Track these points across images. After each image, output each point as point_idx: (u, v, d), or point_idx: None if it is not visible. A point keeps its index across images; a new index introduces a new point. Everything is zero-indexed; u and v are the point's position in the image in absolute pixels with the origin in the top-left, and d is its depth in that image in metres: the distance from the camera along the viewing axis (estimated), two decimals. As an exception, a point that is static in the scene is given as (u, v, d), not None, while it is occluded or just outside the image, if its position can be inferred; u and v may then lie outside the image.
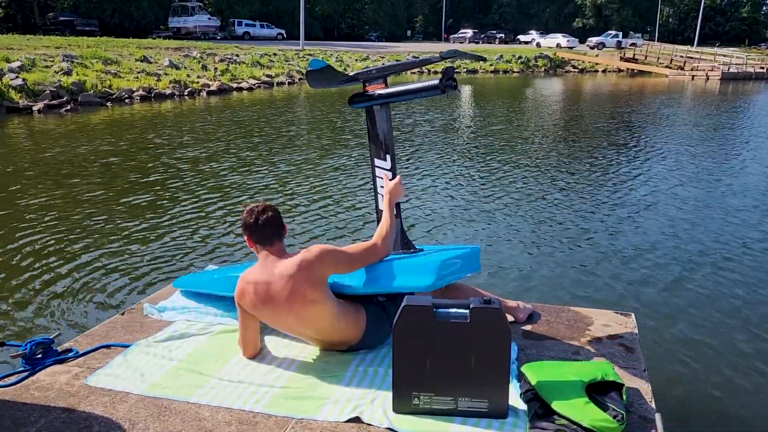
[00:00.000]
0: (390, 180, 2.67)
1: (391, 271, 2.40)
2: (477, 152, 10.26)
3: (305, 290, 2.21)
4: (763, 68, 34.93)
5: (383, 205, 2.61)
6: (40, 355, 2.37)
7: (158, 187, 7.39)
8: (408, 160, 9.24)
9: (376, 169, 2.74)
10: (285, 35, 44.10)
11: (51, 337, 2.47)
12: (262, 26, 43.43)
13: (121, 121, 13.44)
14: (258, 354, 2.42)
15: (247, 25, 42.72)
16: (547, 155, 10.01)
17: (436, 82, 2.49)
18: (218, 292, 2.81)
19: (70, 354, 2.43)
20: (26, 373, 2.28)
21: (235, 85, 21.37)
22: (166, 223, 6.00)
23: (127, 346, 2.50)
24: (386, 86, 2.66)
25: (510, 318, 2.68)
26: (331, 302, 2.28)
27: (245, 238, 2.36)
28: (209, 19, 40.63)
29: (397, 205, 2.66)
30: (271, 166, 8.82)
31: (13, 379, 2.25)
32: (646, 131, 12.97)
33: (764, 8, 68.33)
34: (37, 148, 9.94)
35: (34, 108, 14.46)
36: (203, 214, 6.33)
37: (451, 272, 2.40)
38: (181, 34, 38.20)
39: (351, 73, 2.69)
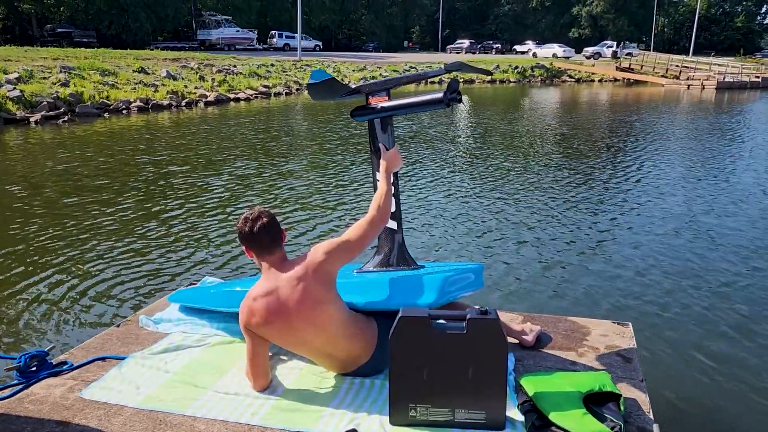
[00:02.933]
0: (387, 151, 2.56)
1: (392, 288, 2.36)
2: (475, 164, 10.29)
3: (317, 290, 2.16)
4: (758, 77, 35.09)
5: (380, 174, 2.51)
6: (34, 368, 2.36)
7: (154, 198, 7.38)
8: (408, 173, 9.24)
9: (378, 183, 2.66)
10: (322, 47, 46.34)
11: (46, 349, 2.46)
12: (301, 38, 44.70)
13: (118, 132, 13.45)
14: (269, 386, 2.28)
15: (287, 36, 44.86)
16: (543, 166, 10.03)
17: (440, 95, 2.42)
18: (214, 308, 2.77)
19: (65, 367, 2.41)
20: (21, 386, 2.27)
21: (232, 96, 21.40)
22: (162, 234, 5.99)
23: (122, 359, 2.49)
24: (389, 99, 2.61)
25: (513, 340, 2.60)
26: (341, 304, 2.24)
27: (244, 248, 2.30)
28: (238, 31, 42.17)
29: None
30: (268, 177, 8.82)
31: (7, 392, 2.24)
32: (642, 141, 13.01)
33: (759, 18, 68.92)
34: (32, 160, 9.93)
35: (32, 119, 14.47)
36: (199, 224, 6.32)
37: (454, 290, 2.35)
38: (206, 46, 39.95)
39: (353, 86, 2.64)
